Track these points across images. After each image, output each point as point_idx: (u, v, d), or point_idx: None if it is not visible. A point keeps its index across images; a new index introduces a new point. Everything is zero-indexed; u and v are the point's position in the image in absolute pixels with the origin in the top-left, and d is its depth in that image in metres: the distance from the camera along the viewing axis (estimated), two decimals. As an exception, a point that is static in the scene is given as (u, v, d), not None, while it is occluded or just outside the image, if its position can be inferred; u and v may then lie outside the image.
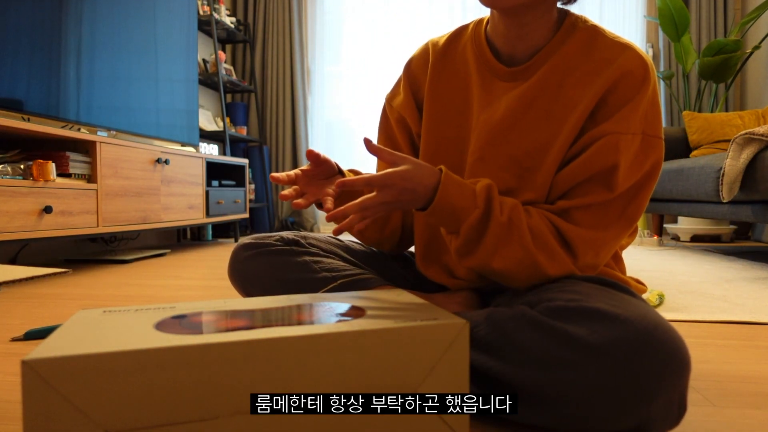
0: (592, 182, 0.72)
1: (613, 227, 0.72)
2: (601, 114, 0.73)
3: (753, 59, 3.49)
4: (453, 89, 0.84)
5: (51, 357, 0.43)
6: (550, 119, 0.75)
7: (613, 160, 0.70)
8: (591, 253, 0.72)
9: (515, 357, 0.58)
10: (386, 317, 0.55)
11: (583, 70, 0.74)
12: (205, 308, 0.60)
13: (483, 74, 0.81)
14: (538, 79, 0.76)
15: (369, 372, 0.51)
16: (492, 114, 0.79)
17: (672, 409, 0.55)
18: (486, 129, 0.79)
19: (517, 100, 0.77)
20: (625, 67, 0.72)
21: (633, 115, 0.71)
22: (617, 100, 0.72)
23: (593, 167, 0.71)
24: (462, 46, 0.86)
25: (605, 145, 0.71)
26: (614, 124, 0.71)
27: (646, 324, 0.54)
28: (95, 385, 0.44)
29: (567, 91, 0.75)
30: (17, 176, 1.76)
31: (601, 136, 0.71)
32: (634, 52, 0.73)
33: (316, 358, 0.50)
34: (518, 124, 0.77)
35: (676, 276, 1.88)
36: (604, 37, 0.76)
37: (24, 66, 1.91)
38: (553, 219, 0.71)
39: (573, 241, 0.70)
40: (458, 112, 0.84)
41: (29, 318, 1.24)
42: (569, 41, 0.77)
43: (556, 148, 0.75)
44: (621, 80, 0.72)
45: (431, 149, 0.86)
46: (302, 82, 4.06)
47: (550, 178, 0.76)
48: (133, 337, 0.48)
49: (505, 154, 0.78)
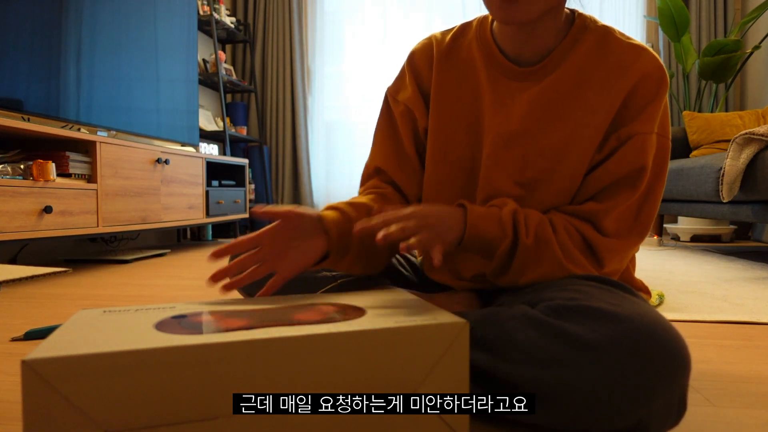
0: (620, 184, 0.73)
1: (632, 233, 0.74)
2: (624, 116, 0.74)
3: (753, 59, 3.49)
4: (460, 88, 0.83)
5: (51, 357, 0.43)
6: (568, 122, 0.76)
7: (642, 160, 0.73)
8: (616, 261, 0.74)
9: (515, 356, 0.58)
10: (386, 317, 0.55)
11: (601, 74, 0.75)
12: (205, 308, 0.60)
13: (492, 74, 0.81)
14: (553, 81, 0.77)
15: (369, 372, 0.51)
16: (506, 117, 0.79)
17: (672, 409, 0.55)
18: (501, 132, 0.79)
19: (531, 102, 0.77)
20: (642, 70, 0.73)
21: (655, 116, 0.74)
22: (639, 101, 0.73)
23: (623, 169, 0.73)
24: (467, 44, 0.84)
25: (633, 145, 0.73)
26: (640, 124, 0.73)
27: (646, 323, 0.54)
28: (95, 384, 0.44)
29: (585, 95, 0.75)
30: (17, 176, 1.76)
31: (629, 137, 0.73)
32: (649, 54, 0.75)
33: (316, 357, 0.50)
34: (533, 126, 0.77)
35: (676, 276, 1.88)
36: (616, 38, 0.77)
37: (24, 66, 1.91)
38: (582, 228, 0.73)
39: (600, 252, 0.72)
40: (467, 112, 0.83)
41: (29, 318, 1.24)
42: (581, 43, 0.77)
43: (577, 151, 0.75)
44: (641, 83, 0.73)
45: (441, 151, 0.84)
46: (302, 82, 4.06)
47: (569, 181, 0.76)
48: (133, 337, 0.48)
49: (520, 156, 0.78)
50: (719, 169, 2.12)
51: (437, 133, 0.84)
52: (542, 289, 0.68)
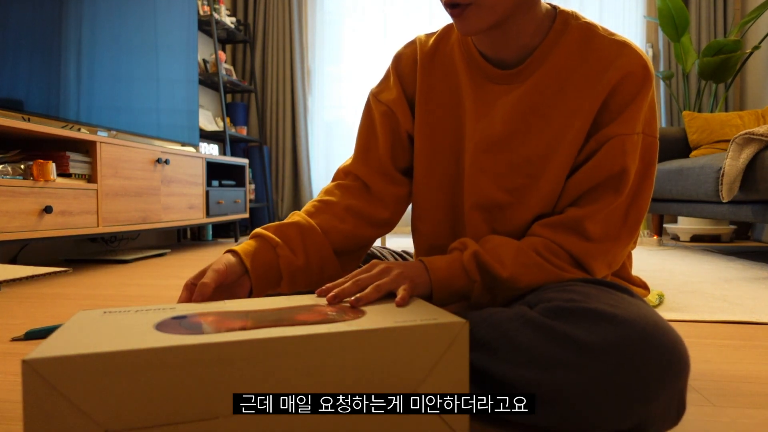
0: (601, 188, 0.72)
1: (621, 235, 0.73)
2: (604, 117, 0.72)
3: (753, 59, 3.50)
4: (444, 94, 0.82)
5: (51, 357, 0.43)
6: (551, 125, 0.74)
7: (621, 163, 0.70)
8: (604, 267, 0.73)
9: (514, 357, 0.58)
10: (386, 317, 0.55)
11: (582, 74, 0.73)
12: (205, 309, 0.60)
13: (474, 78, 0.79)
14: (535, 83, 0.75)
15: (369, 371, 0.51)
16: (489, 121, 0.77)
17: (671, 410, 0.55)
18: (483, 137, 0.77)
19: (514, 105, 0.75)
20: (625, 68, 0.71)
21: (636, 116, 0.71)
22: (620, 101, 0.71)
23: (602, 172, 0.71)
24: (450, 48, 0.83)
25: (612, 148, 0.71)
26: (619, 126, 0.71)
27: (645, 324, 0.54)
28: (96, 384, 0.44)
29: (567, 96, 0.73)
30: (17, 176, 1.76)
31: (607, 139, 0.71)
32: (632, 51, 0.72)
33: (315, 358, 0.50)
34: (517, 130, 0.76)
35: (676, 276, 1.88)
36: (599, 36, 0.74)
37: (24, 66, 1.91)
38: (567, 244, 0.71)
39: (588, 262, 0.71)
40: (451, 118, 0.81)
41: (29, 318, 1.24)
42: (563, 41, 0.74)
43: (561, 155, 0.74)
44: (622, 82, 0.71)
45: (426, 160, 0.83)
46: (302, 82, 4.06)
47: (555, 185, 0.75)
48: (134, 337, 0.48)
49: (505, 162, 0.76)
50: (719, 169, 2.12)
51: (423, 140, 0.83)
52: (542, 290, 0.67)
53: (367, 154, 0.87)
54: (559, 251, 0.71)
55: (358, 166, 0.87)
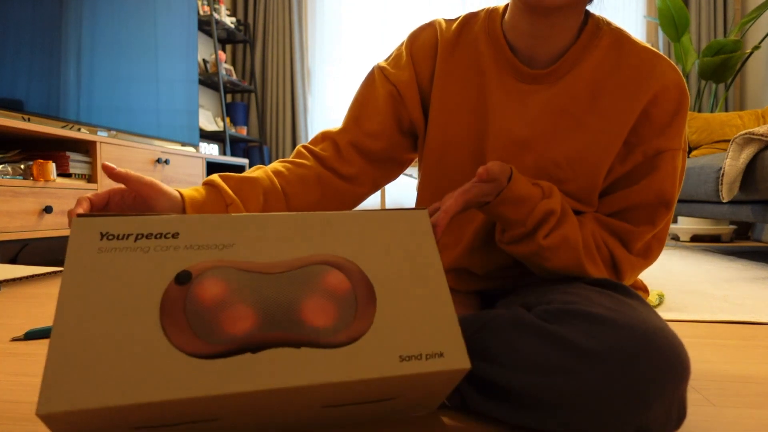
0: (651, 209, 0.73)
1: (655, 255, 0.76)
2: (645, 128, 0.72)
3: (753, 59, 3.50)
4: (465, 85, 0.78)
5: (65, 411, 0.43)
6: (584, 130, 0.73)
7: (671, 191, 0.72)
8: (633, 276, 0.75)
9: (514, 363, 0.57)
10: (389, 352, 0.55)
11: (616, 80, 0.73)
12: (211, 256, 0.52)
13: (501, 74, 0.76)
14: (567, 86, 0.73)
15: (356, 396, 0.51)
16: (516, 121, 0.75)
17: (671, 415, 0.54)
18: (510, 137, 0.75)
19: (543, 106, 0.74)
20: (662, 80, 0.71)
21: (682, 131, 0.73)
22: (662, 114, 0.72)
23: (651, 194, 0.72)
24: (473, 37, 0.79)
25: (663, 163, 0.72)
26: (668, 140, 0.72)
27: (645, 330, 0.53)
28: (100, 415, 0.45)
29: (601, 102, 0.73)
30: (17, 176, 1.76)
31: (656, 152, 0.72)
32: (667, 63, 0.73)
33: (307, 399, 0.50)
34: (544, 132, 0.74)
35: (676, 276, 1.88)
36: (632, 42, 0.74)
37: (24, 66, 1.91)
38: (611, 245, 0.73)
39: (624, 270, 0.73)
40: (469, 111, 0.78)
41: (29, 318, 1.24)
42: (595, 45, 0.74)
43: (592, 161, 0.73)
44: (661, 94, 0.71)
45: (438, 148, 0.80)
46: (302, 82, 4.06)
47: (583, 190, 0.74)
48: (142, 353, 0.46)
49: (532, 165, 0.75)
50: (719, 169, 2.12)
51: (435, 132, 0.80)
52: (542, 292, 0.67)
53: (357, 127, 0.82)
54: (603, 248, 0.72)
55: (342, 135, 0.82)
